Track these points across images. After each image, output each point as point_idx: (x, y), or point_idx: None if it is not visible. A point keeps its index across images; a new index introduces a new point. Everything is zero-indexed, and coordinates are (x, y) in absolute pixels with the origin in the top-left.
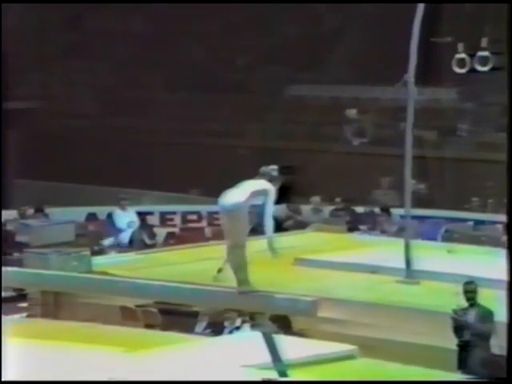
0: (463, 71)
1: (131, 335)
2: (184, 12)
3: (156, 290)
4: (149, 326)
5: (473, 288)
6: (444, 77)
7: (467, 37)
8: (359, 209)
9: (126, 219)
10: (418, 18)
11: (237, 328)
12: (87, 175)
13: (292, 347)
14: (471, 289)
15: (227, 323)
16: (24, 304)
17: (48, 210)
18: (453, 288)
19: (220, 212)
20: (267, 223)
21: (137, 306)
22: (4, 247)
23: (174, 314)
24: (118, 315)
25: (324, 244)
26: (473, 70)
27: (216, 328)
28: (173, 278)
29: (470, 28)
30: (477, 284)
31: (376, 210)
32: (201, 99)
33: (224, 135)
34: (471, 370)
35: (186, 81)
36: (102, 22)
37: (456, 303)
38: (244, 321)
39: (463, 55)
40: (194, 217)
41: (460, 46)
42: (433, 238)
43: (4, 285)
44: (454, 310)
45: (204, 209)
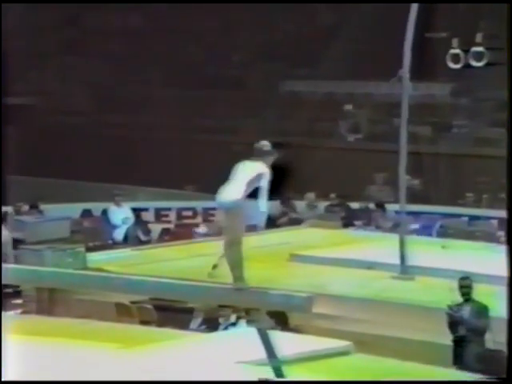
0: (458, 66)
1: (126, 332)
2: (180, 9)
3: (151, 287)
4: (144, 323)
5: (468, 283)
6: (438, 72)
7: (462, 32)
8: (354, 204)
9: (121, 215)
10: (413, 14)
11: (232, 324)
12: (82, 171)
13: (287, 343)
14: (466, 284)
15: (222, 319)
16: (19, 300)
17: (43, 207)
18: (447, 283)
19: (218, 209)
20: (262, 203)
21: (132, 303)
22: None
23: (169, 311)
24: (113, 312)
25: (319, 240)
26: (467, 66)
27: (211, 324)
28: (168, 275)
29: (465, 23)
30: (472, 279)
31: (371, 206)
32: (196, 96)
33: (219, 131)
34: (466, 366)
35: (182, 77)
36: (100, 20)
37: (451, 299)
38: (239, 317)
39: (458, 50)
40: (189, 213)
41: (454, 42)
42: (428, 234)
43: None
44: (449, 306)
45: (199, 205)
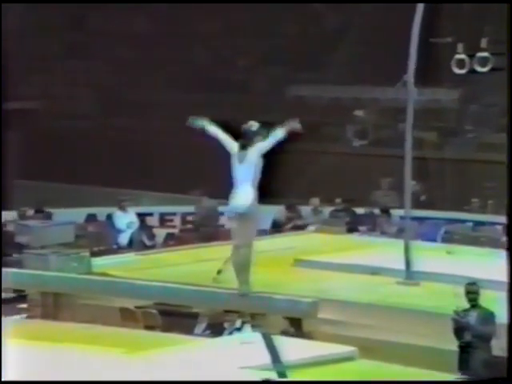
0: (463, 72)
1: (131, 336)
2: (185, 13)
3: (156, 291)
4: (148, 328)
5: (475, 289)
6: (443, 77)
7: (467, 37)
8: (359, 210)
9: (126, 220)
10: (418, 19)
11: (237, 329)
12: (87, 176)
13: (291, 348)
14: (473, 290)
15: (227, 324)
16: (23, 305)
17: (48, 211)
18: (453, 289)
19: (229, 213)
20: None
21: (136, 308)
22: (4, 248)
23: (174, 316)
24: (118, 316)
25: (324, 245)
26: (472, 71)
27: (216, 329)
28: (172, 279)
29: (470, 28)
30: (479, 285)
31: (376, 211)
32: (201, 100)
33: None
34: (472, 372)
35: (187, 81)
36: (104, 23)
37: (456, 304)
38: (244, 322)
39: (463, 56)
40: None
41: (460, 47)
42: (433, 239)
43: (4, 286)
44: (455, 311)
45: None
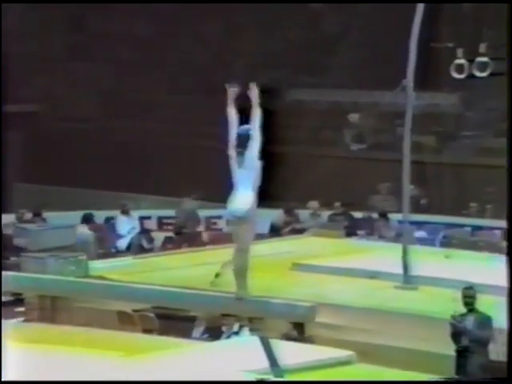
0: (462, 77)
1: (128, 340)
2: (186, 15)
3: (153, 295)
4: (146, 331)
5: (472, 294)
6: (442, 82)
7: (466, 42)
8: (357, 214)
9: (128, 226)
10: (417, 23)
11: (234, 333)
12: (86, 179)
13: (289, 352)
14: (470, 294)
15: (225, 328)
16: (21, 308)
17: (46, 214)
18: (450, 294)
19: (228, 217)
20: None
21: (134, 311)
22: (2, 251)
23: (172, 319)
24: (115, 320)
25: (322, 249)
26: (471, 76)
27: (213, 333)
28: (170, 283)
29: (469, 33)
30: (476, 290)
31: (374, 215)
32: (202, 102)
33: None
34: (469, 376)
35: (187, 84)
36: (106, 25)
37: (454, 309)
38: (242, 326)
39: (462, 60)
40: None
41: (459, 52)
42: (431, 244)
43: (1, 289)
44: (453, 316)
45: (202, 213)
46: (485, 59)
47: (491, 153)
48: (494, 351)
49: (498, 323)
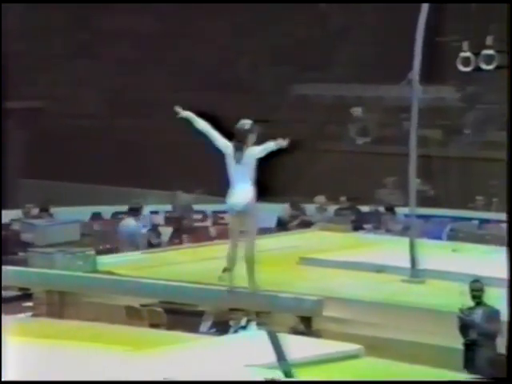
0: (468, 70)
1: (136, 334)
2: (190, 12)
3: (161, 290)
4: (154, 326)
5: (479, 287)
6: (449, 75)
7: (472, 35)
8: (364, 208)
9: (139, 224)
10: (423, 17)
11: (242, 327)
12: (92, 174)
13: (297, 346)
14: (478, 287)
15: (232, 322)
16: (29, 303)
17: (53, 210)
18: (458, 287)
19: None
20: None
21: (142, 306)
22: (9, 246)
23: (179, 314)
24: (123, 314)
25: (329, 243)
26: (478, 69)
27: (221, 327)
28: (178, 278)
29: (475, 26)
30: (483, 283)
31: (381, 209)
32: (206, 99)
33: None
34: (477, 370)
35: (191, 80)
36: (110, 23)
37: (461, 302)
38: (249, 320)
39: (468, 54)
40: (199, 216)
41: (465, 45)
42: (438, 237)
43: (9, 284)
44: (461, 309)
45: (209, 208)
46: (491, 52)
47: (497, 146)
48: (502, 345)
49: (506, 316)
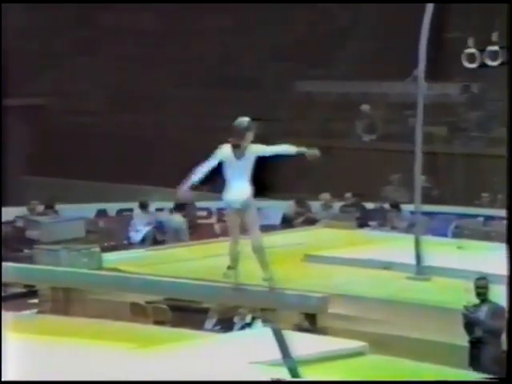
0: (473, 66)
1: (141, 331)
2: (194, 9)
3: (166, 287)
4: (159, 323)
5: (484, 284)
6: (454, 72)
7: (477, 31)
8: (369, 205)
9: (145, 221)
10: (428, 13)
11: (247, 324)
12: (97, 172)
13: (302, 343)
14: (483, 285)
15: (237, 319)
16: (34, 300)
17: (58, 207)
18: (463, 284)
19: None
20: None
21: (147, 303)
22: (14, 243)
23: (184, 311)
24: (128, 311)
25: (334, 240)
26: (483, 65)
27: (226, 324)
28: (183, 275)
29: (480, 22)
30: (488, 280)
31: (386, 206)
32: (210, 96)
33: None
34: (482, 367)
35: (196, 77)
36: (113, 20)
37: (467, 299)
38: (254, 317)
39: (473, 50)
40: (204, 213)
41: (470, 41)
42: (443, 234)
43: (14, 281)
44: (466, 307)
45: (213, 205)
46: (496, 48)
47: (503, 143)
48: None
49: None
